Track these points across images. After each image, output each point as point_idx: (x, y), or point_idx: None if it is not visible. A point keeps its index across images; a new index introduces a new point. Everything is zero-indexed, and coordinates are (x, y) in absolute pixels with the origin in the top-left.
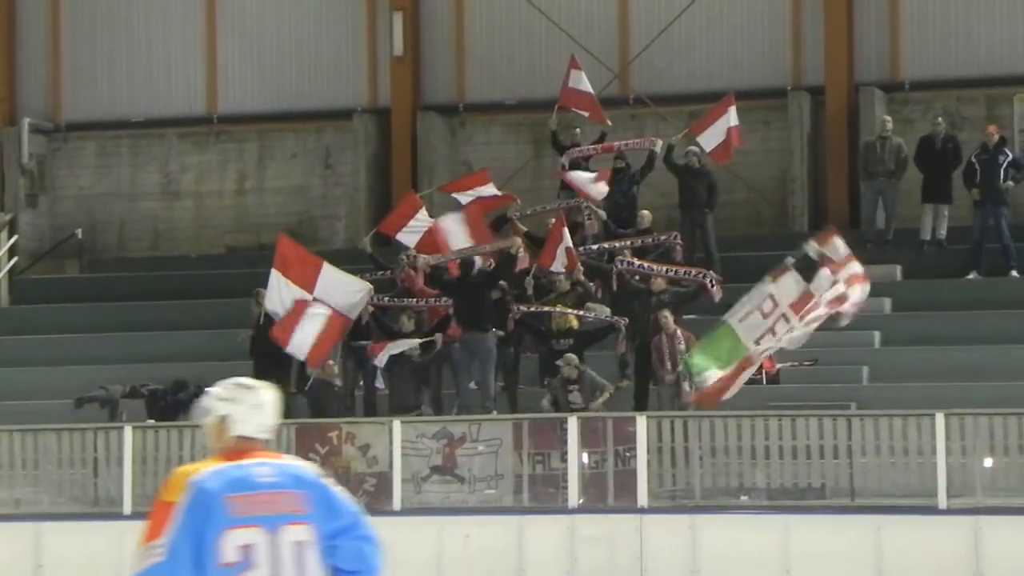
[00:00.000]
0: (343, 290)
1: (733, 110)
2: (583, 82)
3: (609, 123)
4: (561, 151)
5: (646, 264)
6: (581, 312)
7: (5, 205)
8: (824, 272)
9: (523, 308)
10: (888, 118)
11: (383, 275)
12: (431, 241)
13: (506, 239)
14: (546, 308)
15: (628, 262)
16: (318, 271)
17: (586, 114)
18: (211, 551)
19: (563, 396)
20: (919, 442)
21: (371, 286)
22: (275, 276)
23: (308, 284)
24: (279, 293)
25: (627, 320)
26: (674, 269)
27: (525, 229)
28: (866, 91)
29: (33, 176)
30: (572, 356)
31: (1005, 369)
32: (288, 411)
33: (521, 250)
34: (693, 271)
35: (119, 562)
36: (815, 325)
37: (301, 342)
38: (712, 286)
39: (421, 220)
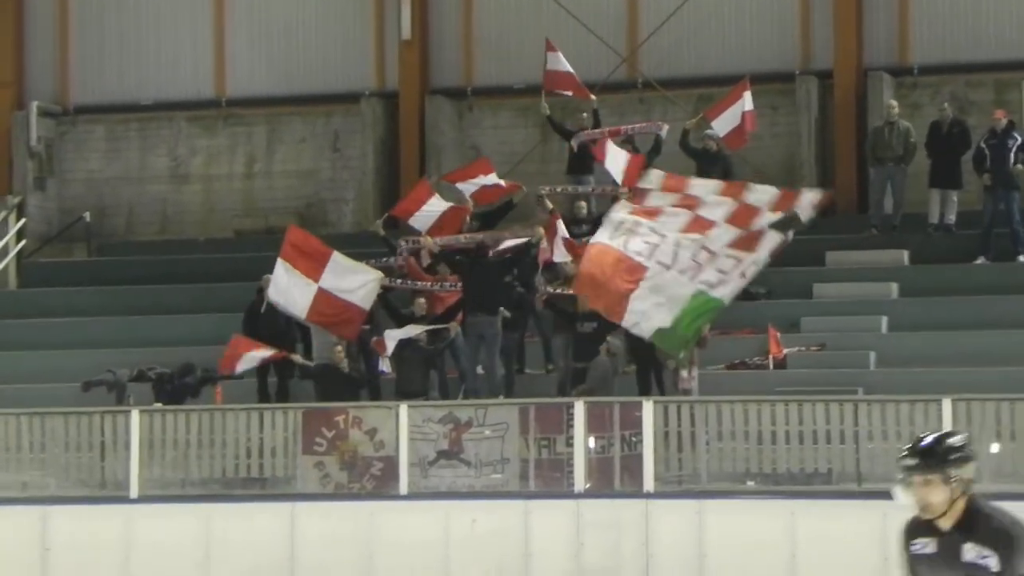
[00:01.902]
0: (352, 280)
1: (748, 95)
2: (561, 62)
3: (593, 98)
4: (565, 135)
5: None
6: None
7: (13, 188)
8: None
9: (551, 290)
10: (894, 103)
11: (389, 261)
12: (445, 224)
13: (528, 229)
14: (572, 291)
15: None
16: (326, 260)
17: (569, 93)
18: None
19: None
20: (926, 427)
21: (381, 274)
22: (281, 265)
23: (315, 273)
24: (286, 283)
25: None
26: None
27: (551, 207)
28: (874, 75)
29: (41, 159)
30: (617, 344)
31: (1013, 354)
32: (290, 395)
33: (543, 241)
34: None
35: (126, 546)
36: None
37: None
38: None
39: (434, 206)
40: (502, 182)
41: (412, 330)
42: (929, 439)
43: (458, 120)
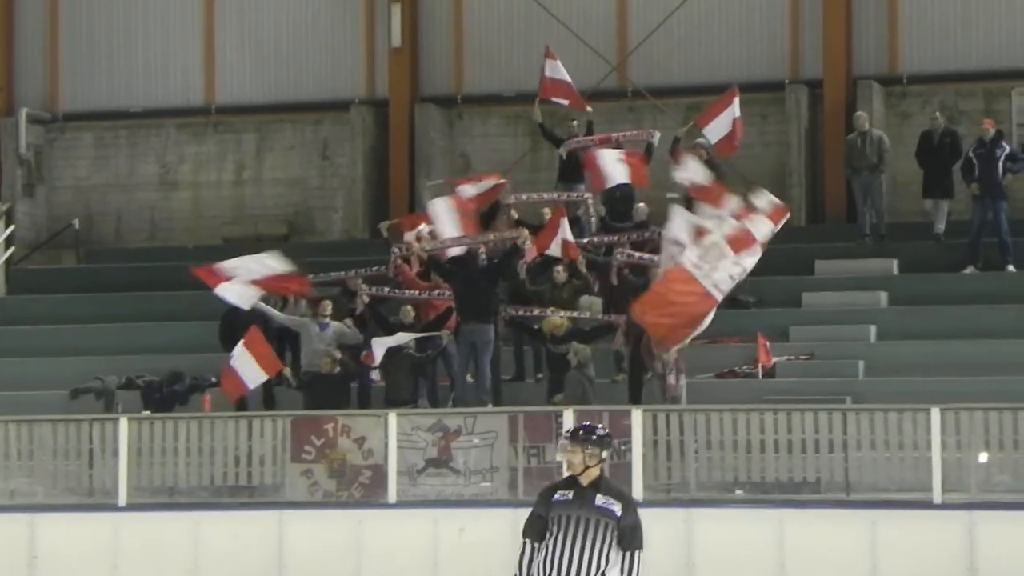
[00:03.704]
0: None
1: (737, 102)
2: (559, 71)
3: (590, 109)
4: (555, 142)
5: (646, 255)
6: (575, 314)
7: (2, 195)
8: (700, 207)
9: (512, 312)
10: (863, 113)
11: (377, 270)
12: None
13: (513, 230)
14: (536, 312)
15: (628, 254)
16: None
17: (566, 102)
18: None
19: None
20: (914, 436)
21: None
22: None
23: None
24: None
25: (625, 317)
26: (627, 236)
27: (517, 216)
28: (864, 85)
29: (30, 166)
30: (584, 351)
31: (1001, 363)
32: (275, 403)
33: (528, 242)
34: (658, 232)
35: (114, 553)
36: (735, 268)
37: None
38: None
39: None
40: (490, 183)
41: (402, 338)
42: (582, 426)
43: (448, 128)
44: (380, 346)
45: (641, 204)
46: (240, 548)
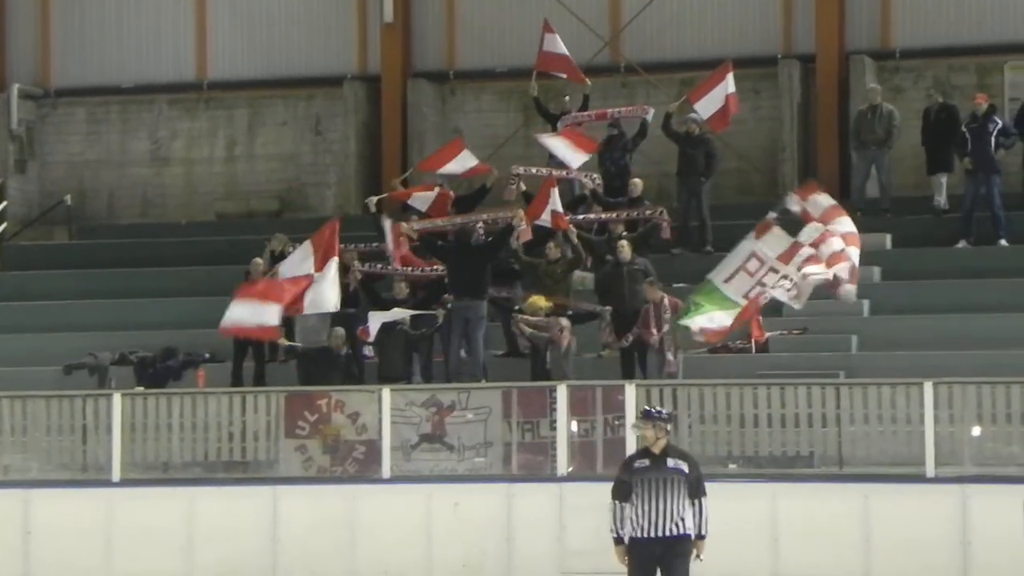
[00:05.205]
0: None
1: (731, 77)
2: (558, 44)
3: (588, 83)
4: (550, 119)
5: (603, 215)
6: (561, 301)
7: None
8: (811, 225)
9: (493, 293)
10: (876, 86)
11: (377, 246)
12: (436, 208)
13: (508, 210)
14: (519, 293)
15: (584, 217)
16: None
17: (564, 75)
18: None
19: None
20: (907, 411)
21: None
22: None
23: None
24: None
25: (611, 308)
26: (625, 213)
27: (524, 188)
28: (857, 59)
29: (22, 142)
30: (565, 324)
31: (994, 338)
32: (266, 380)
33: (523, 223)
34: (647, 211)
35: (108, 529)
36: (815, 278)
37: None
38: (664, 223)
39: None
40: (475, 161)
41: (398, 313)
42: (647, 409)
43: (440, 104)
44: (376, 320)
45: (637, 180)
46: (234, 524)
